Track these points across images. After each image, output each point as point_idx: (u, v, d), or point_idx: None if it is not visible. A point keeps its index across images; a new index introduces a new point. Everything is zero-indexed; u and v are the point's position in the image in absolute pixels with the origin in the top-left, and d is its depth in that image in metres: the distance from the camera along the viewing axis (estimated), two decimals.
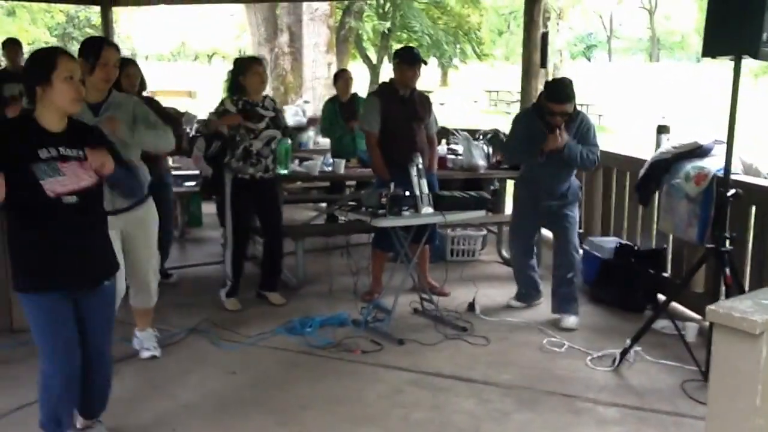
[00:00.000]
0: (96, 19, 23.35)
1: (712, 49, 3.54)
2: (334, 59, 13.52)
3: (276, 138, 4.80)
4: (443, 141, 6.87)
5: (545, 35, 6.38)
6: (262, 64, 4.81)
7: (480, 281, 5.32)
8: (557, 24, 21.51)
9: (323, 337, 4.28)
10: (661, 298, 4.77)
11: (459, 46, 23.99)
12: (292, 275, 5.39)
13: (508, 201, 6.39)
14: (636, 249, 5.05)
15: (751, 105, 16.45)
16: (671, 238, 5.04)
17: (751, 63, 3.59)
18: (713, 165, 4.31)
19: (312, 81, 13.00)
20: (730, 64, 3.56)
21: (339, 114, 6.94)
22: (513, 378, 3.80)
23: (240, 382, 3.75)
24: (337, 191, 7.48)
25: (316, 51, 13.00)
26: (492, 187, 6.37)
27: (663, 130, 5.53)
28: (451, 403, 3.52)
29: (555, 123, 4.41)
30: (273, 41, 12.97)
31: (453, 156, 5.99)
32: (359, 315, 4.55)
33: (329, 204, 7.51)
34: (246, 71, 4.66)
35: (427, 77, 19.36)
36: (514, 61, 29.37)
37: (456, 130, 7.05)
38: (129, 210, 3.58)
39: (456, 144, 6.31)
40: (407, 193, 4.34)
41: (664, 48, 52.57)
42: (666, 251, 5.08)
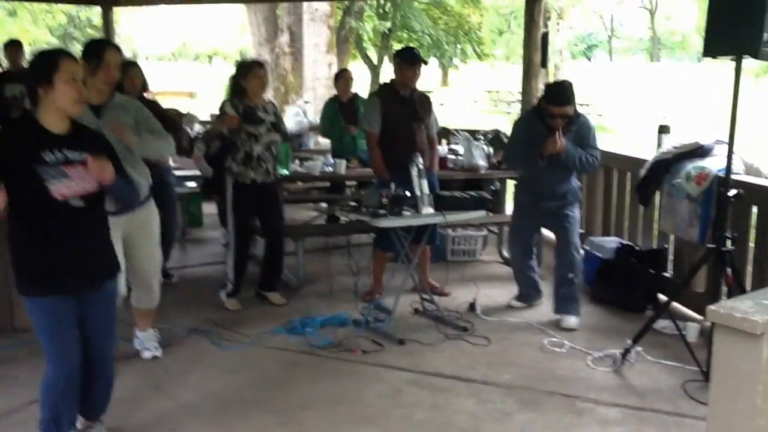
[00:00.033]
0: (97, 20, 23.31)
1: (712, 49, 3.55)
2: (334, 59, 13.51)
3: (276, 142, 4.81)
4: (444, 141, 6.88)
5: (546, 35, 6.38)
6: (263, 67, 4.82)
7: (480, 281, 5.32)
8: (558, 24, 21.54)
9: (324, 337, 4.29)
10: (662, 298, 4.76)
11: (459, 46, 24.02)
12: (292, 275, 5.39)
13: (508, 201, 6.40)
14: (637, 249, 5.05)
15: (752, 105, 16.44)
16: (672, 238, 5.04)
17: (752, 63, 3.59)
18: (714, 165, 4.31)
19: (312, 81, 12.99)
20: (730, 64, 3.56)
21: (339, 114, 6.94)
22: (514, 378, 3.80)
23: (240, 382, 3.75)
24: (338, 191, 7.47)
25: (316, 51, 12.99)
26: (492, 188, 6.36)
27: (664, 129, 5.54)
28: (452, 404, 3.52)
29: (555, 126, 4.41)
30: (273, 41, 12.96)
31: (453, 156, 6.00)
32: (360, 315, 4.55)
33: (330, 204, 7.51)
34: (247, 74, 4.67)
35: (428, 77, 19.34)
36: (514, 61, 29.43)
37: (456, 130, 7.06)
38: (131, 211, 3.58)
39: (456, 144, 6.31)
40: (408, 194, 4.34)
41: (664, 48, 52.53)
42: (667, 251, 5.08)
